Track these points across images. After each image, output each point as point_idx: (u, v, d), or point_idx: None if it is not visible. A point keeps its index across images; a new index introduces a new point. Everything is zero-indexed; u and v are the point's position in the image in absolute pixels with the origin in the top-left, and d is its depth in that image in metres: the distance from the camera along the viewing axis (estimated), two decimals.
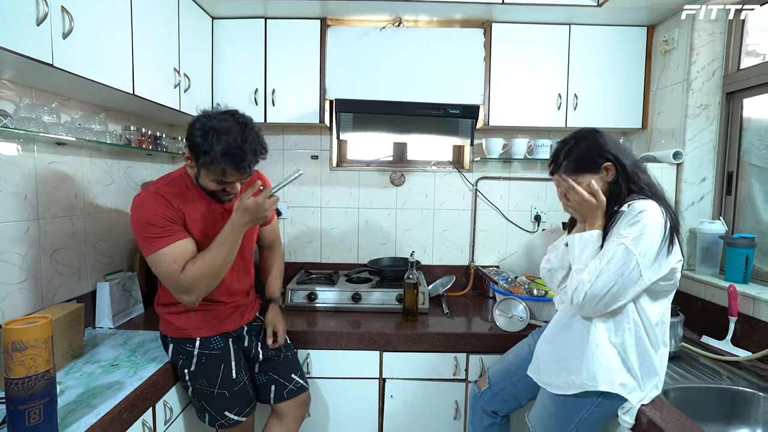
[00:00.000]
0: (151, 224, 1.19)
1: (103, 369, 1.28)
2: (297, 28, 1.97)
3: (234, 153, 1.15)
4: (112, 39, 1.30)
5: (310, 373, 1.68)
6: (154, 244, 1.19)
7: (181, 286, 1.20)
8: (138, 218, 1.20)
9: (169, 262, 1.19)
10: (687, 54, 1.77)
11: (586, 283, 1.07)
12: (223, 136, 1.14)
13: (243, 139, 1.16)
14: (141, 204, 1.21)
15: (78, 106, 1.51)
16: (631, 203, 1.09)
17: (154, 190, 1.25)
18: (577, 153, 1.17)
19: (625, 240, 1.04)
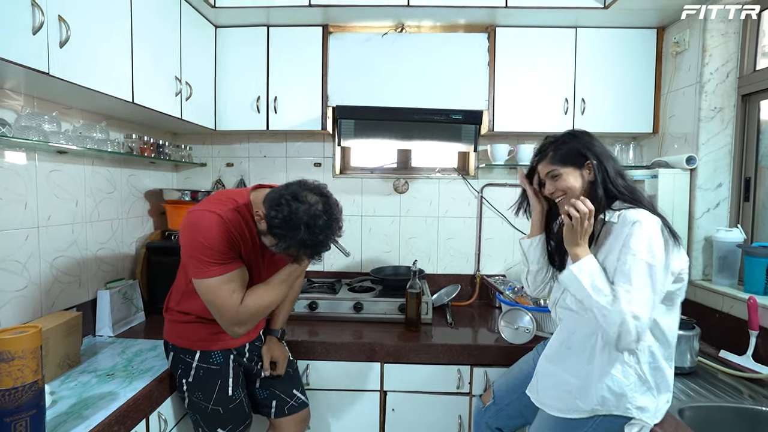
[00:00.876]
0: (212, 249, 1.12)
1: (99, 379, 1.26)
2: (299, 35, 1.97)
3: (317, 243, 1.09)
4: (111, 47, 1.30)
5: (309, 384, 1.64)
6: (211, 270, 1.12)
7: (239, 319, 1.16)
8: (197, 238, 1.11)
9: (228, 292, 1.14)
10: (699, 55, 1.71)
11: (633, 317, 0.96)
12: (312, 226, 1.06)
13: (329, 226, 1.09)
14: (202, 224, 1.13)
15: (79, 115, 1.53)
16: (621, 213, 1.07)
17: (219, 213, 1.14)
18: (565, 146, 1.17)
19: (642, 255, 1.00)
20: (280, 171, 2.28)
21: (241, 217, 1.19)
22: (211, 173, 2.28)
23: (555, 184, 1.17)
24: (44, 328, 1.20)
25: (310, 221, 1.06)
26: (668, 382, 1.08)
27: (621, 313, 0.97)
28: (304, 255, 1.15)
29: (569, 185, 1.15)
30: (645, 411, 1.05)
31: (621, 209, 1.08)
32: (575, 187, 1.15)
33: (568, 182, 1.15)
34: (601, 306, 0.99)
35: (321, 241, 1.09)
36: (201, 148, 2.28)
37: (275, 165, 2.28)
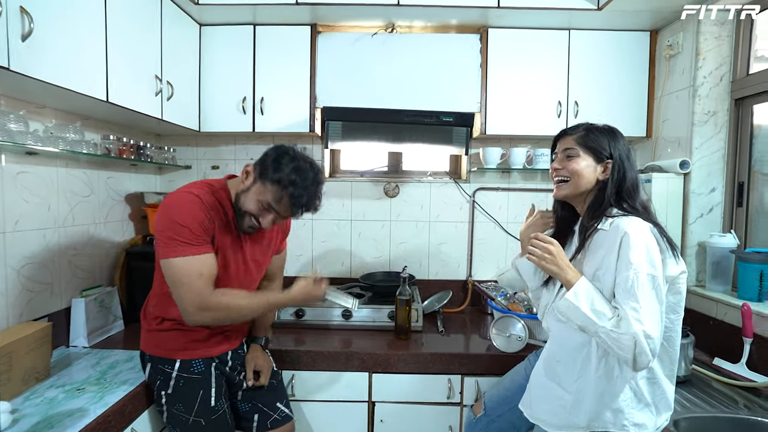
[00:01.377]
0: (185, 227, 1.10)
1: (67, 394, 1.19)
2: (287, 34, 1.92)
3: (300, 188, 1.14)
4: (82, 43, 1.23)
5: (294, 396, 1.58)
6: (181, 249, 1.10)
7: (202, 303, 1.12)
8: (170, 216, 1.11)
9: (196, 274, 1.11)
10: (693, 59, 1.69)
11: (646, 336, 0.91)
12: (298, 171, 1.15)
13: (314, 182, 1.18)
14: (178, 203, 1.13)
15: (53, 114, 1.45)
16: (612, 221, 1.02)
17: (196, 193, 1.16)
18: (597, 133, 1.10)
19: (643, 267, 0.95)
20: None
21: (217, 200, 1.20)
22: (196, 176, 2.21)
23: (566, 163, 1.09)
24: (7, 341, 1.14)
25: (304, 168, 1.16)
26: (668, 400, 1.03)
27: (633, 335, 0.91)
28: (287, 198, 1.14)
29: (579, 170, 1.07)
30: (643, 428, 1.01)
31: (614, 216, 1.04)
32: (583, 176, 1.08)
33: (579, 167, 1.08)
34: (607, 331, 0.94)
35: (308, 186, 1.15)
36: (185, 150, 2.20)
37: None
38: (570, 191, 1.10)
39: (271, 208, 1.17)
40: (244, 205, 1.19)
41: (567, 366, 1.10)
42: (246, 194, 1.18)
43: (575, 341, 1.08)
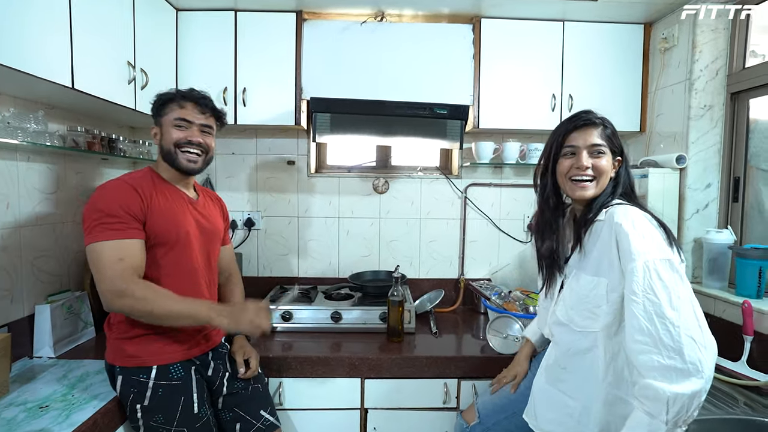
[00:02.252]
0: (107, 213, 1.08)
1: (29, 413, 1.07)
2: (270, 22, 1.81)
3: (185, 91, 1.25)
4: (42, 21, 1.11)
5: (282, 405, 1.49)
6: (101, 233, 1.07)
7: (119, 287, 1.05)
8: (94, 204, 1.10)
9: (114, 258, 1.06)
10: (689, 52, 1.66)
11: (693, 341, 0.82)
12: (173, 90, 1.26)
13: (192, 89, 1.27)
14: (104, 190, 1.13)
15: (10, 102, 1.31)
16: (608, 210, 0.97)
17: (121, 178, 1.18)
18: (612, 128, 1.05)
19: (651, 253, 0.86)
20: (250, 169, 2.10)
21: (149, 176, 1.23)
22: None
23: (597, 161, 1.01)
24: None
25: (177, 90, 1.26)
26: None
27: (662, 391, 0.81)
28: (184, 100, 1.23)
29: (607, 169, 1.01)
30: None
31: (609, 206, 0.99)
32: (608, 175, 1.02)
33: (608, 165, 1.01)
34: (668, 397, 0.81)
35: (190, 89, 1.26)
36: None
37: (245, 163, 2.10)
38: (597, 192, 1.02)
39: (183, 120, 1.21)
40: (168, 140, 1.22)
41: (573, 372, 1.04)
42: (164, 137, 1.23)
43: (580, 346, 1.03)
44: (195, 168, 1.26)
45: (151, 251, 1.16)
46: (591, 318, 0.99)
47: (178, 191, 1.27)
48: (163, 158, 1.25)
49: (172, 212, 1.21)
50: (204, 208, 1.34)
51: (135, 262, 1.10)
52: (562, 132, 1.06)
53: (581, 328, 1.02)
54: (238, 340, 1.40)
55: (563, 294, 1.10)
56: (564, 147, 1.05)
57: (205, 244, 1.30)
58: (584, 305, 1.01)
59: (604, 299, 0.96)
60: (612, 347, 0.97)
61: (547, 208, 1.13)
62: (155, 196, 1.18)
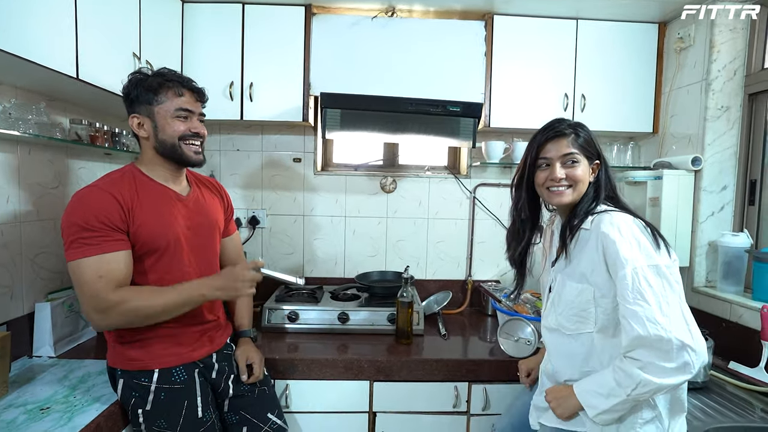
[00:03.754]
0: (83, 227, 1.00)
1: (29, 415, 1.03)
2: (278, 15, 1.77)
3: (174, 73, 1.16)
4: (47, 8, 1.07)
5: (289, 407, 1.45)
6: (78, 251, 1.00)
7: (101, 304, 1.00)
8: (70, 217, 1.01)
9: (94, 277, 1.00)
10: (706, 52, 1.63)
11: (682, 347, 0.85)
12: (148, 70, 1.18)
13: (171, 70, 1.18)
14: (80, 201, 1.03)
15: (12, 93, 1.27)
16: (593, 218, 0.99)
17: (98, 185, 1.07)
18: (585, 134, 1.05)
19: (639, 260, 0.89)
20: (256, 166, 2.06)
21: (130, 175, 1.13)
22: None
23: (570, 171, 1.02)
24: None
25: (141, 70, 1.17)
26: (682, 400, 0.98)
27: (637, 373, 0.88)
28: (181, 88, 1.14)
29: (582, 177, 1.03)
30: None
31: (595, 213, 1.00)
32: (585, 181, 1.04)
33: (583, 172, 1.03)
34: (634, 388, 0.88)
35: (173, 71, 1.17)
36: None
37: (250, 159, 2.06)
38: (574, 197, 1.05)
39: (185, 110, 1.14)
40: (172, 134, 1.13)
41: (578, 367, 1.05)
42: (163, 129, 1.13)
43: (574, 349, 1.05)
44: (201, 160, 1.19)
45: (138, 260, 1.09)
46: (580, 321, 1.02)
47: (164, 189, 1.17)
48: (162, 153, 1.14)
49: (158, 216, 1.12)
50: (196, 202, 1.24)
51: (117, 275, 1.02)
52: (535, 145, 1.07)
53: (571, 331, 1.04)
54: (242, 344, 1.34)
55: (552, 299, 1.12)
56: (539, 159, 1.06)
57: (199, 243, 1.22)
58: (571, 310, 1.04)
59: (592, 304, 0.99)
60: (611, 350, 0.98)
61: (519, 219, 1.17)
62: (137, 200, 1.09)
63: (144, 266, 1.10)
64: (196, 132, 1.16)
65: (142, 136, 1.15)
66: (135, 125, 1.14)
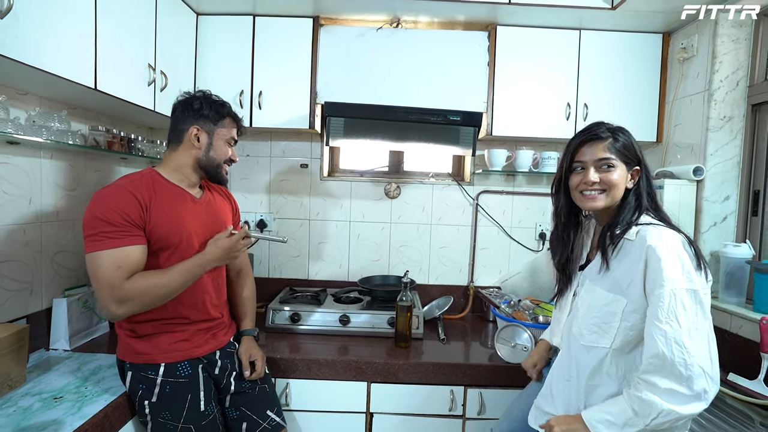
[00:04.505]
0: (105, 221, 1.07)
1: (44, 403, 1.10)
2: (287, 26, 1.84)
3: (229, 108, 1.31)
4: (69, 25, 1.15)
5: (289, 406, 1.50)
6: (100, 243, 1.07)
7: (117, 294, 1.06)
8: (92, 212, 1.08)
9: (112, 267, 1.06)
10: (709, 62, 1.64)
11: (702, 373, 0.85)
12: (221, 100, 1.31)
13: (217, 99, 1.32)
14: (101, 198, 1.10)
15: (36, 102, 1.36)
16: (639, 230, 0.95)
17: (119, 183, 1.15)
18: (624, 138, 1.02)
19: (679, 282, 0.87)
20: (264, 171, 2.13)
21: (149, 177, 1.21)
22: None
23: (605, 175, 1.00)
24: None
25: (203, 95, 1.29)
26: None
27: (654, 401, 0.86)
28: (235, 120, 1.32)
29: (618, 182, 1.00)
30: None
31: (640, 225, 0.97)
32: (621, 187, 1.01)
33: (619, 178, 1.00)
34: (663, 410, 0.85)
35: (217, 101, 1.29)
36: None
37: (259, 165, 2.13)
38: (607, 203, 1.02)
39: (234, 140, 1.33)
40: (220, 155, 1.28)
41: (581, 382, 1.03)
42: (216, 150, 1.27)
43: (584, 362, 1.02)
44: (227, 180, 1.35)
45: (153, 255, 1.16)
46: (598, 333, 0.99)
47: (180, 191, 1.24)
48: (202, 166, 1.26)
49: (173, 215, 1.19)
50: (209, 205, 1.32)
51: (133, 267, 1.09)
52: (572, 147, 1.06)
53: (587, 341, 1.01)
54: (245, 341, 1.40)
55: (576, 305, 1.09)
56: (574, 162, 1.05)
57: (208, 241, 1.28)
58: (593, 319, 1.00)
59: (618, 317, 0.96)
60: (623, 365, 0.97)
61: (560, 223, 1.15)
62: (154, 200, 1.16)
63: (158, 261, 1.17)
64: (232, 159, 1.33)
65: (195, 146, 1.25)
66: (192, 135, 1.24)
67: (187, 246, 1.21)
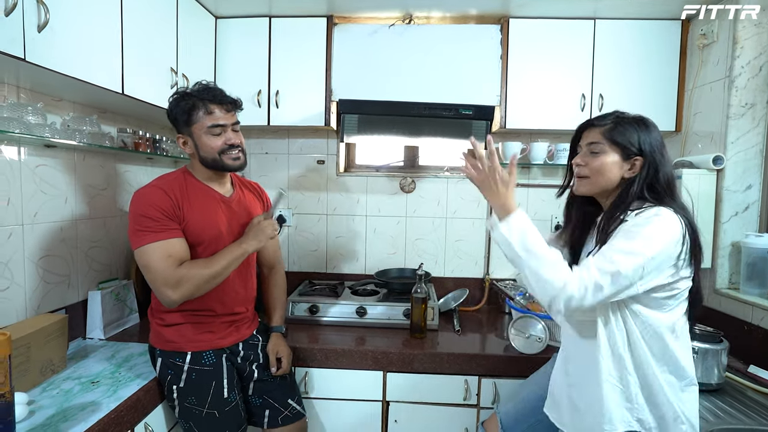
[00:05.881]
0: (147, 217, 1.16)
1: (83, 386, 1.19)
2: (302, 26, 1.89)
3: (205, 89, 1.25)
4: (98, 34, 1.22)
5: (308, 393, 1.56)
6: (146, 237, 1.15)
7: (171, 279, 1.14)
8: (135, 210, 1.18)
9: (162, 256, 1.15)
10: (729, 48, 1.59)
11: (577, 288, 0.87)
12: (188, 91, 1.26)
13: (205, 84, 1.28)
14: (139, 196, 1.19)
15: (70, 107, 1.45)
16: (640, 211, 0.94)
17: (153, 184, 1.23)
18: (624, 126, 1.00)
19: (634, 231, 0.89)
20: (282, 168, 2.20)
21: (177, 179, 1.26)
22: None
23: (588, 159, 1.02)
24: (25, 333, 1.14)
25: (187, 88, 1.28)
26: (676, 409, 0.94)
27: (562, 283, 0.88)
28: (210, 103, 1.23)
29: (601, 168, 1.00)
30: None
31: (641, 208, 0.96)
32: (605, 174, 1.00)
33: (603, 164, 0.99)
34: (533, 270, 0.90)
35: (206, 85, 1.26)
36: None
37: (277, 162, 2.20)
38: (588, 189, 1.04)
39: (217, 126, 1.23)
40: (210, 150, 1.24)
41: (581, 358, 1.03)
42: (202, 147, 1.25)
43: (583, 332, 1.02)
44: (241, 164, 1.29)
45: (190, 249, 1.23)
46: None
47: (210, 191, 1.30)
48: (205, 165, 1.27)
49: (203, 213, 1.24)
50: (239, 203, 1.36)
51: (181, 255, 1.18)
52: (577, 131, 1.10)
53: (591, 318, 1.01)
54: (273, 338, 1.45)
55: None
56: (577, 145, 1.09)
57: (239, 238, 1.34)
58: None
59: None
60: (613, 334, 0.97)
61: (567, 205, 1.18)
62: (186, 199, 1.23)
63: (196, 254, 1.25)
64: (231, 144, 1.25)
65: (189, 153, 1.29)
66: (181, 144, 1.28)
67: (218, 242, 1.27)
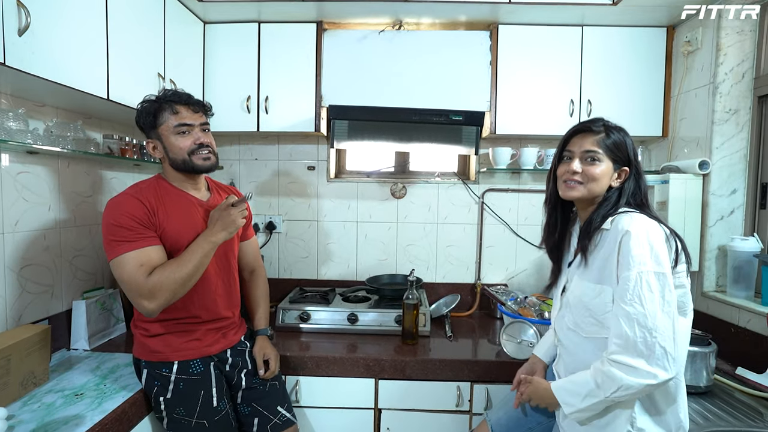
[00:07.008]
0: (121, 227, 1.12)
1: (66, 399, 1.16)
2: (292, 32, 1.88)
3: (172, 93, 1.24)
4: (82, 38, 1.21)
5: (299, 402, 1.54)
6: (120, 248, 1.11)
7: (144, 290, 1.10)
8: (108, 220, 1.14)
9: (135, 266, 1.11)
10: (713, 55, 1.63)
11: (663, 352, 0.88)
12: (152, 97, 1.25)
13: (172, 90, 1.27)
14: (112, 206, 1.16)
15: (53, 113, 1.43)
16: (614, 219, 0.97)
17: (126, 192, 1.20)
18: (617, 136, 1.03)
19: (646, 265, 0.89)
20: (272, 174, 2.18)
21: (152, 185, 1.24)
22: None
23: (588, 167, 1.02)
24: (5, 345, 1.11)
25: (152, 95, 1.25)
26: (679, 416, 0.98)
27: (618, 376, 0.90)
28: (176, 104, 1.22)
29: (599, 177, 1.01)
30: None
31: (615, 215, 0.99)
32: (600, 182, 1.02)
33: (602, 173, 1.01)
34: (623, 384, 0.89)
35: (168, 89, 1.26)
36: None
37: (267, 168, 2.18)
38: (582, 194, 1.04)
39: (184, 125, 1.21)
40: (179, 151, 1.22)
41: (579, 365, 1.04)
42: (171, 148, 1.23)
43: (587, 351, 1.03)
44: (212, 164, 1.26)
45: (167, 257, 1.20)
46: (597, 325, 1.00)
47: (186, 196, 1.27)
48: (176, 168, 1.24)
49: (180, 219, 1.22)
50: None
51: (154, 264, 1.13)
52: (564, 137, 1.09)
53: (588, 333, 1.02)
54: (259, 341, 1.43)
55: (566, 299, 1.10)
56: (564, 151, 1.07)
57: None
58: (588, 312, 1.01)
59: (610, 306, 0.97)
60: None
61: (551, 209, 1.18)
62: (161, 205, 1.20)
63: None
64: (200, 143, 1.23)
65: (159, 157, 1.26)
66: (150, 149, 1.25)
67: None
